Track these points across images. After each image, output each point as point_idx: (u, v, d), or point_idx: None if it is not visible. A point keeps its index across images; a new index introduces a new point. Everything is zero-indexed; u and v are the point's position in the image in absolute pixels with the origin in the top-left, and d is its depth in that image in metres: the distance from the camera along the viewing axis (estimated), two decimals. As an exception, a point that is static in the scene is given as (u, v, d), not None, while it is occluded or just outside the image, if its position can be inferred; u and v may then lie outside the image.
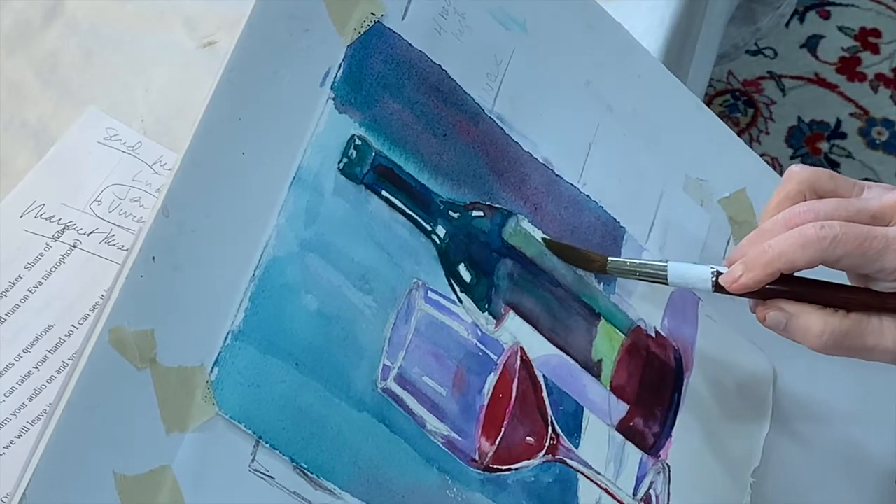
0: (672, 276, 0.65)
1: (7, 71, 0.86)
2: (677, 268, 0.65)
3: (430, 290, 0.63)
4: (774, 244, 0.62)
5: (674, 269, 0.65)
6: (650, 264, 0.66)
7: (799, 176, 0.64)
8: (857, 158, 1.69)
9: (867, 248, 0.61)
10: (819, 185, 0.64)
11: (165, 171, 0.80)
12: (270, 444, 0.55)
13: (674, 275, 0.65)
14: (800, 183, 0.64)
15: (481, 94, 0.67)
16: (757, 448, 0.73)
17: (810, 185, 0.64)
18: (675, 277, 0.65)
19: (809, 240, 0.61)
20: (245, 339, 0.56)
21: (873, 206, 0.62)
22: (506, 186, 0.67)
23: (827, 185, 0.64)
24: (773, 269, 0.62)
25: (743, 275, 0.62)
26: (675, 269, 0.65)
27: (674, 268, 0.65)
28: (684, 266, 0.65)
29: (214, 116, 0.57)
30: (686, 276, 0.65)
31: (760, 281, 0.62)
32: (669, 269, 0.65)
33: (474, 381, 0.63)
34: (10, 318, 0.75)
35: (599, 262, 0.68)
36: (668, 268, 0.65)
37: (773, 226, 0.63)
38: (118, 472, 0.52)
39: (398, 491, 0.59)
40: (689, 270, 0.65)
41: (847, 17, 1.80)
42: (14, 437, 0.70)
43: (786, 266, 0.62)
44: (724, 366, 0.74)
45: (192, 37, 0.87)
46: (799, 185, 0.64)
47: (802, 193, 0.64)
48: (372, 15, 0.64)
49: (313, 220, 0.60)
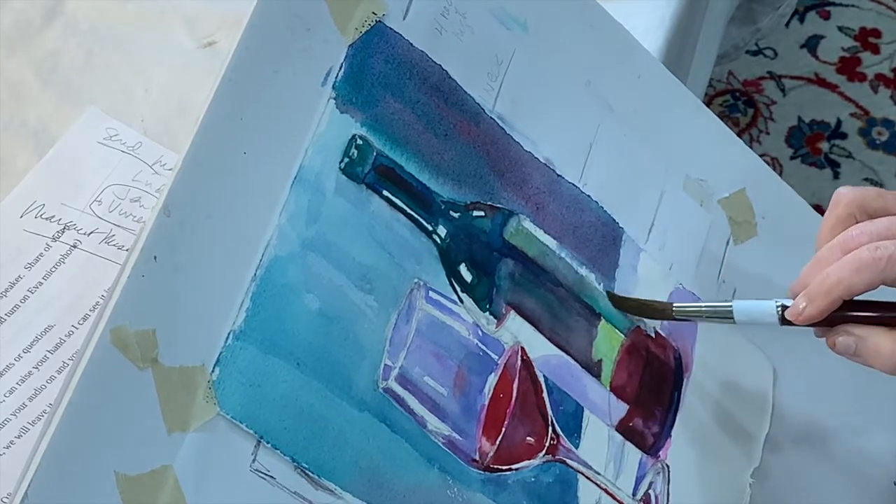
0: (738, 314, 0.65)
1: (7, 71, 0.86)
2: (742, 306, 0.65)
3: (431, 289, 0.63)
4: (832, 272, 0.62)
5: (739, 308, 0.65)
6: (716, 306, 0.67)
7: (846, 198, 0.64)
8: (857, 159, 1.69)
9: None
10: (867, 204, 0.64)
11: (166, 171, 0.80)
12: (271, 443, 0.56)
13: (740, 313, 0.65)
14: (848, 205, 0.64)
15: (482, 93, 0.67)
16: (757, 448, 0.73)
17: (859, 205, 0.64)
18: (742, 315, 0.65)
19: (865, 263, 0.61)
20: (246, 338, 0.56)
21: None
22: (507, 186, 0.67)
23: (875, 203, 0.64)
24: (833, 296, 0.62)
25: (807, 306, 0.62)
26: (740, 307, 0.65)
27: (739, 306, 0.65)
28: (749, 303, 0.65)
29: (216, 116, 0.57)
30: (752, 313, 0.65)
31: (824, 311, 0.62)
32: (735, 307, 0.66)
33: (475, 381, 0.63)
34: (10, 318, 0.75)
35: (667, 311, 0.68)
36: (733, 307, 0.66)
37: (828, 252, 0.63)
38: (119, 472, 0.52)
39: (399, 491, 0.59)
40: (754, 307, 0.65)
41: (847, 17, 1.80)
42: (14, 437, 0.70)
43: (845, 292, 0.61)
44: (723, 366, 0.74)
45: (192, 37, 0.87)
46: (847, 208, 0.64)
47: (853, 215, 0.64)
48: (373, 14, 0.64)
49: (314, 220, 0.60)
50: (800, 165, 1.69)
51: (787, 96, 1.74)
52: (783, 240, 0.78)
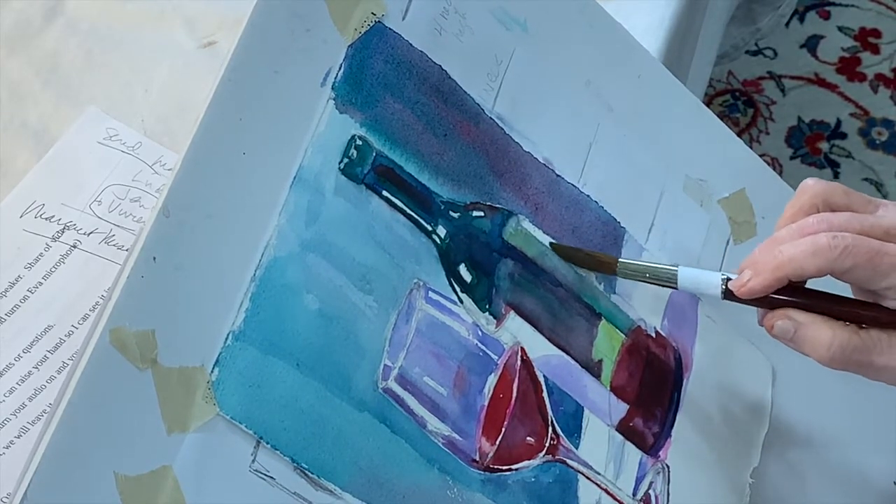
0: (682, 280, 0.65)
1: (7, 71, 0.86)
2: (688, 273, 0.65)
3: (431, 290, 0.63)
4: (784, 249, 0.62)
5: (684, 274, 0.65)
6: (660, 268, 0.66)
7: (813, 189, 0.64)
8: (857, 158, 1.69)
9: (878, 262, 0.61)
10: (833, 199, 0.64)
11: (165, 171, 0.80)
12: (271, 444, 0.55)
13: (684, 279, 0.65)
14: (814, 196, 0.64)
15: (482, 94, 0.67)
16: (756, 448, 0.73)
17: (824, 198, 0.64)
18: (685, 282, 0.65)
19: (820, 248, 0.61)
20: (246, 339, 0.56)
21: (886, 223, 0.62)
22: (506, 186, 0.67)
23: (841, 199, 0.64)
24: (781, 273, 0.62)
25: (751, 279, 0.62)
26: (685, 273, 0.65)
27: (684, 273, 0.65)
28: (695, 271, 0.65)
29: (215, 116, 0.57)
30: (696, 281, 0.65)
31: (768, 286, 0.62)
32: (680, 273, 0.65)
33: (475, 381, 0.63)
34: (10, 318, 0.75)
35: (610, 264, 0.68)
36: (678, 272, 0.65)
37: (786, 234, 0.63)
38: (119, 473, 0.52)
39: (399, 491, 0.59)
40: (699, 276, 0.65)
41: (847, 17, 1.80)
42: (14, 437, 0.70)
43: (794, 272, 0.61)
44: (723, 366, 0.74)
45: (192, 37, 0.87)
46: (813, 199, 0.64)
47: (816, 206, 0.64)
48: (373, 15, 0.64)
49: (314, 220, 0.60)
50: (800, 165, 1.69)
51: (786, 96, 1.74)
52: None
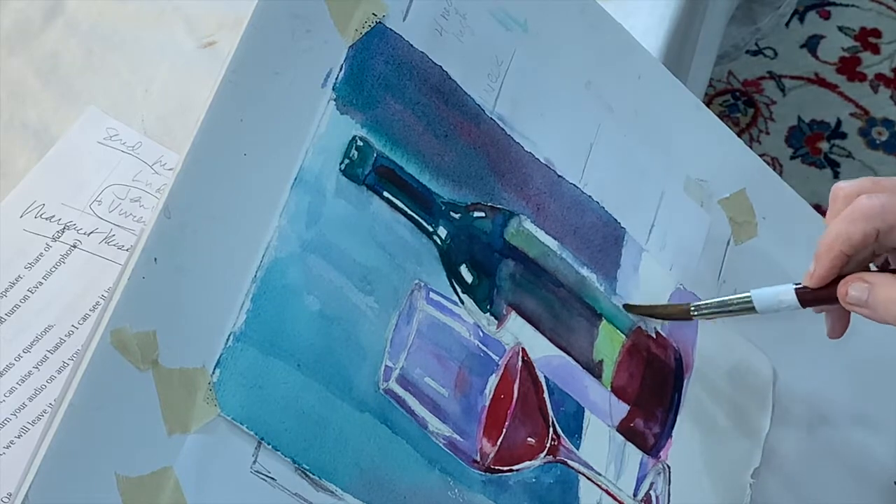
0: (759, 304, 0.66)
1: (7, 71, 0.86)
2: (762, 294, 0.66)
3: (432, 290, 0.63)
4: (831, 226, 0.62)
5: (759, 297, 0.66)
6: (734, 299, 0.67)
7: (844, 191, 0.64)
8: (857, 158, 1.69)
9: None
10: (864, 190, 0.64)
11: (166, 171, 0.80)
12: (272, 445, 0.55)
13: (760, 302, 0.66)
14: (846, 197, 0.64)
15: (482, 94, 0.67)
16: (757, 448, 0.73)
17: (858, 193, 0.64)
18: (763, 304, 0.66)
19: (859, 210, 0.61)
20: (247, 340, 0.56)
21: None
22: (507, 187, 0.67)
23: (872, 190, 0.64)
24: (835, 251, 0.62)
25: (814, 269, 0.63)
26: (759, 296, 0.66)
27: (758, 296, 0.66)
28: (768, 290, 0.66)
29: (216, 117, 0.57)
30: (772, 298, 0.65)
31: (828, 267, 0.63)
32: (754, 298, 0.66)
33: (476, 381, 0.63)
34: (10, 318, 0.75)
35: (685, 311, 0.69)
36: (752, 297, 0.66)
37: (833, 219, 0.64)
38: (120, 474, 0.52)
39: (400, 492, 0.59)
40: (773, 293, 0.65)
41: (847, 17, 1.80)
42: (14, 437, 0.70)
43: (844, 244, 0.62)
44: (724, 366, 0.74)
45: (192, 37, 0.87)
46: (846, 199, 0.64)
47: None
48: (373, 15, 0.64)
49: (315, 221, 0.59)
50: (800, 165, 1.69)
51: (787, 96, 1.74)
52: (783, 240, 0.78)
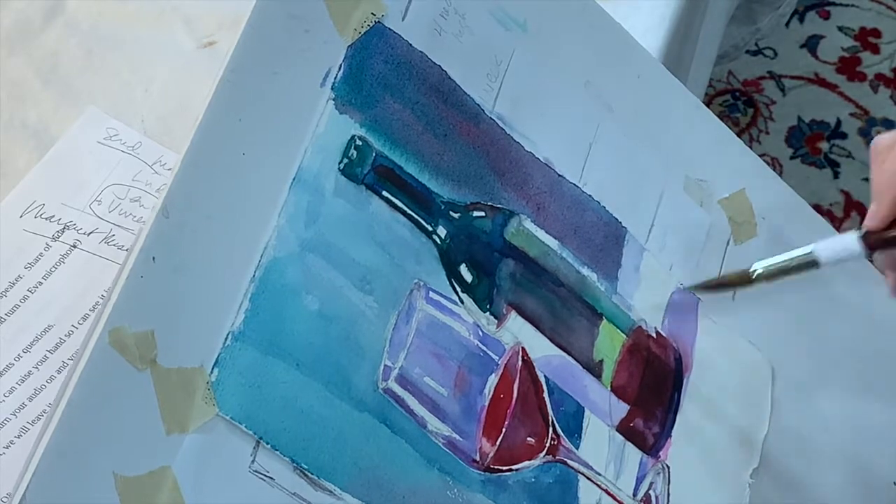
0: (822, 257, 0.65)
1: (7, 71, 0.86)
2: (824, 246, 0.65)
3: (432, 290, 0.63)
4: (887, 165, 0.61)
5: (821, 250, 0.65)
6: (796, 256, 0.66)
7: (886, 141, 0.63)
8: (857, 158, 1.69)
9: None
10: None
11: (165, 171, 0.80)
12: (271, 444, 0.55)
13: (823, 255, 0.65)
14: (889, 147, 0.63)
15: (482, 94, 0.67)
16: (756, 448, 0.73)
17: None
18: (826, 257, 0.64)
19: None
20: (245, 339, 0.56)
21: None
22: (507, 187, 0.67)
23: None
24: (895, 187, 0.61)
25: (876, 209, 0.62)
26: (822, 249, 0.65)
27: (820, 249, 0.65)
28: (829, 241, 0.65)
29: (215, 117, 0.57)
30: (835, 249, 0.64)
31: (890, 205, 0.61)
32: (817, 251, 0.65)
33: (475, 381, 0.63)
34: (10, 318, 0.75)
35: (746, 276, 0.68)
36: (814, 251, 0.65)
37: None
38: (118, 473, 0.52)
39: (399, 492, 0.59)
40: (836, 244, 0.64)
41: (847, 17, 1.80)
42: (14, 437, 0.70)
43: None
44: (723, 366, 0.74)
45: (192, 37, 0.87)
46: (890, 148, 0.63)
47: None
48: (372, 15, 0.64)
49: (314, 221, 0.59)
50: (800, 165, 1.69)
51: (786, 96, 1.74)
52: (783, 240, 0.78)
